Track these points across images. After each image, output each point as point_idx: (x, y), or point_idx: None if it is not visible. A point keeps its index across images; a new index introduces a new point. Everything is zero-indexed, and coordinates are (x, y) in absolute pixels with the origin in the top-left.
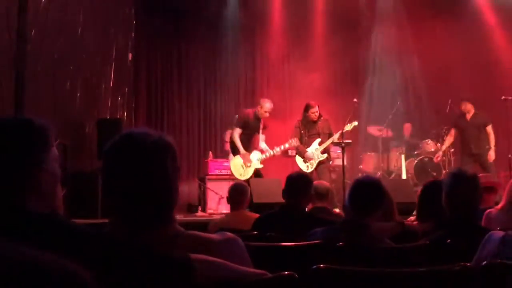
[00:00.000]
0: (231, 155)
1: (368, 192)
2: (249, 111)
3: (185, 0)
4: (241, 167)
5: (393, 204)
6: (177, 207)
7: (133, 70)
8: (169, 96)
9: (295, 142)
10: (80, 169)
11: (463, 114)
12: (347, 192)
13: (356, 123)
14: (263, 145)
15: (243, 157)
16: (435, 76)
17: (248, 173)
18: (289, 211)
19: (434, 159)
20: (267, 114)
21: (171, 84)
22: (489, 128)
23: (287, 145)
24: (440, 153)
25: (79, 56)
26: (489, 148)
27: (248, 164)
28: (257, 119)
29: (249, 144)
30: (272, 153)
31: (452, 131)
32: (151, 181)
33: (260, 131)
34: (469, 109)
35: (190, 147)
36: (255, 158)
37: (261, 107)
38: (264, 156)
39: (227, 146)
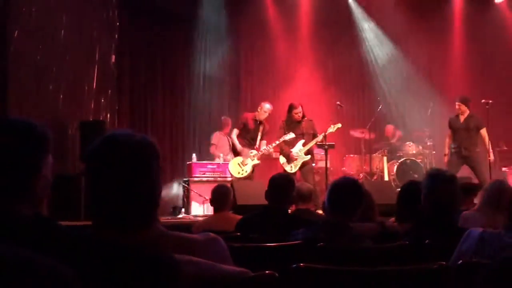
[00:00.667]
0: (218, 158)
1: (347, 193)
2: (248, 115)
3: (169, 2)
4: (238, 166)
5: (373, 205)
6: (161, 209)
7: (116, 72)
8: (152, 98)
9: (291, 135)
10: (63, 171)
11: (457, 115)
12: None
13: (339, 125)
14: (263, 146)
15: (241, 152)
16: (418, 78)
17: (246, 170)
18: (272, 213)
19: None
20: (267, 114)
21: (155, 85)
22: (484, 132)
23: (277, 142)
24: (445, 157)
25: (62, 58)
26: (487, 151)
27: (245, 162)
28: (258, 123)
29: (250, 148)
30: (268, 149)
31: (449, 132)
32: (134, 182)
33: (259, 134)
34: (463, 111)
35: (174, 149)
36: (251, 154)
37: (261, 108)
38: (259, 152)
39: (213, 149)
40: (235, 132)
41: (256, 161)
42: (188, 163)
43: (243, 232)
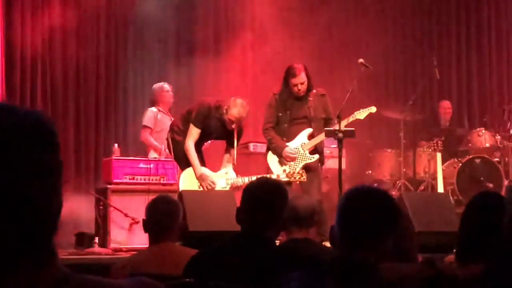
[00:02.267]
0: (156, 152)
1: (369, 212)
2: (210, 101)
3: None
4: (199, 186)
5: (411, 232)
6: (58, 238)
7: None
8: (44, 56)
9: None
10: None
11: None
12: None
13: (373, 108)
14: (228, 166)
15: (201, 179)
16: None
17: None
18: (247, 245)
19: None
20: (235, 123)
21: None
22: None
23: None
24: None
25: None
26: None
27: (212, 179)
28: (221, 122)
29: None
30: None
31: None
32: (13, 187)
33: (235, 140)
34: None
35: (80, 138)
36: (225, 175)
37: (227, 109)
38: (236, 178)
39: (145, 136)
40: (193, 137)
41: (226, 187)
42: (104, 159)
43: (198, 277)
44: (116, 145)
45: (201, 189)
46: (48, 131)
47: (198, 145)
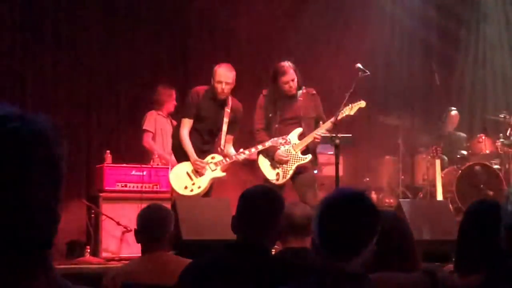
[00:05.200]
0: (154, 158)
1: (347, 216)
2: (199, 89)
3: None
4: (187, 176)
5: (411, 241)
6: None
7: None
8: (36, 55)
9: (291, 138)
10: None
11: None
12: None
13: (362, 103)
14: (230, 149)
15: (194, 163)
16: None
17: (200, 184)
18: (242, 255)
19: None
20: (225, 87)
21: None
22: None
23: (256, 148)
24: None
25: None
26: None
27: (201, 172)
28: (218, 104)
29: (202, 145)
30: (242, 155)
31: None
32: (13, 199)
33: (224, 124)
34: None
35: (70, 143)
36: (211, 160)
37: (214, 76)
38: (223, 159)
39: (147, 140)
40: (187, 126)
41: (219, 173)
42: (97, 166)
43: (192, 287)
44: (108, 152)
45: (190, 180)
46: (61, 140)
47: (209, 135)
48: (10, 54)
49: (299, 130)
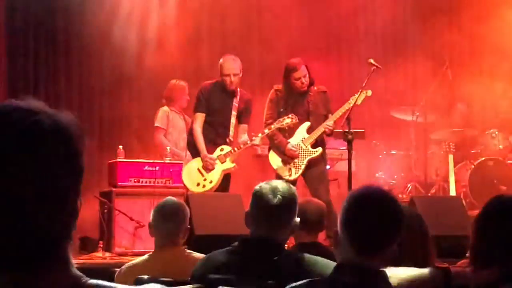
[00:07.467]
0: (166, 153)
1: (376, 215)
2: (208, 83)
3: None
4: (198, 173)
5: (427, 237)
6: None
7: None
8: (49, 56)
9: (292, 118)
10: None
11: None
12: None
13: (369, 92)
14: (244, 137)
15: (203, 159)
16: None
17: (212, 179)
18: (256, 250)
19: None
20: (234, 78)
21: (54, 37)
22: None
23: (266, 131)
24: None
25: None
26: None
27: (210, 167)
28: (227, 95)
29: (216, 138)
30: (253, 141)
31: None
32: (33, 192)
33: (233, 116)
34: None
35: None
36: (220, 153)
37: (222, 66)
38: (231, 149)
39: (159, 136)
40: (199, 121)
41: (229, 164)
42: (109, 162)
43: (206, 281)
44: (120, 147)
45: (202, 176)
46: (83, 137)
47: (222, 128)
48: (24, 56)
49: (307, 124)
